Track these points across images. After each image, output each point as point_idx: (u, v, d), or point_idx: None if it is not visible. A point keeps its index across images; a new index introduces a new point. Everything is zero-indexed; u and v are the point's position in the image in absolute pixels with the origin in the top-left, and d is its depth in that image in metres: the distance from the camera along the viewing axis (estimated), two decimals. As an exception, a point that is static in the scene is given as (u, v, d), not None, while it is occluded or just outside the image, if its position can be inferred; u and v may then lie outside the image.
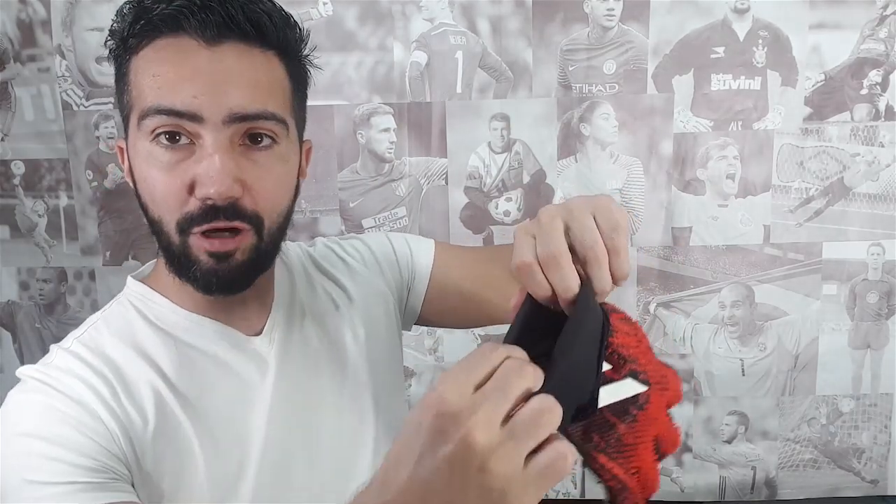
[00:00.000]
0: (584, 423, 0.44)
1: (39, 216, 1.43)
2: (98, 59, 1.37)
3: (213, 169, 0.53)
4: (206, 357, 0.60)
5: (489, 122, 1.40)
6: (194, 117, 0.53)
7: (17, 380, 0.58)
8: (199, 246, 0.55)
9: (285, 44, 0.58)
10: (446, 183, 1.42)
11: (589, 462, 0.45)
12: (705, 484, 1.50)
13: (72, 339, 0.60)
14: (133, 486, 0.54)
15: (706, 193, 1.41)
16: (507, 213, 1.43)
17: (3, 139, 1.41)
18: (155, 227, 0.57)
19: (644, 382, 0.45)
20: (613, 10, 1.35)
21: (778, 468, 1.49)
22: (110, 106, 1.39)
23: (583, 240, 0.43)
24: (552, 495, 1.52)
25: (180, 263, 0.56)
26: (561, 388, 0.39)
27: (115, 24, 0.57)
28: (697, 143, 1.39)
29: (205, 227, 0.54)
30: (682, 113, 1.38)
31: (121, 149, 0.61)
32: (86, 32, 1.36)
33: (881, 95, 1.37)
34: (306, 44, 0.61)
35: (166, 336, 0.60)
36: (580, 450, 0.44)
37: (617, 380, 0.45)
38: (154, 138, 0.54)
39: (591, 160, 1.41)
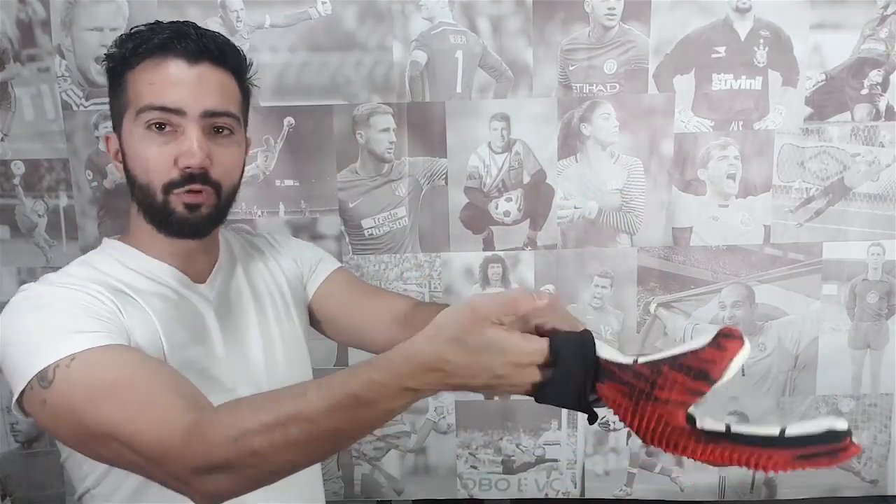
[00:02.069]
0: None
1: (39, 216, 1.43)
2: (97, 59, 1.37)
3: (193, 147, 0.73)
4: (168, 289, 0.80)
5: (489, 122, 1.39)
6: (179, 112, 0.73)
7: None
8: (178, 200, 0.75)
9: (239, 68, 0.80)
10: (446, 183, 1.42)
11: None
12: (705, 484, 1.50)
13: (61, 271, 0.77)
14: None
15: (707, 193, 1.41)
16: (507, 214, 1.43)
17: (2, 139, 1.41)
18: (142, 191, 0.76)
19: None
20: (614, 9, 1.35)
21: (778, 468, 1.50)
22: (110, 106, 1.39)
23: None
24: (552, 494, 1.52)
25: (161, 215, 0.76)
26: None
27: (113, 49, 0.77)
28: (698, 142, 1.39)
29: (185, 188, 0.74)
30: (682, 113, 1.38)
31: (108, 138, 0.81)
32: (85, 32, 1.36)
33: (881, 95, 1.37)
34: (250, 69, 0.83)
35: (137, 273, 0.79)
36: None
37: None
38: (147, 127, 0.74)
39: (591, 160, 1.40)
